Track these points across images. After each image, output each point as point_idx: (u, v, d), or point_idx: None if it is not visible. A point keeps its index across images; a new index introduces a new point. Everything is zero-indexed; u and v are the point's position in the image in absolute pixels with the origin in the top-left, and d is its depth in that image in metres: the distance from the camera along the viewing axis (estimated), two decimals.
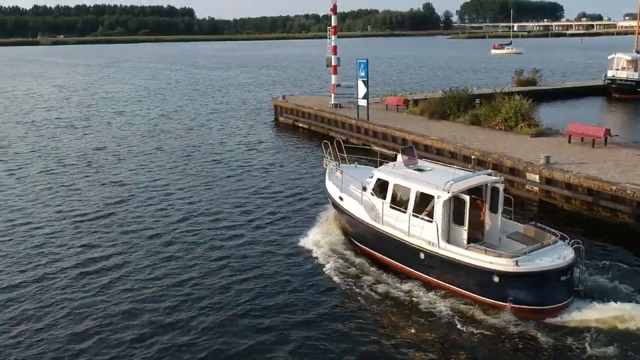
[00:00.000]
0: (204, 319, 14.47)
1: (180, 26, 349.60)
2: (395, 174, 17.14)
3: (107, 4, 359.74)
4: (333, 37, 40.86)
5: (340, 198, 18.90)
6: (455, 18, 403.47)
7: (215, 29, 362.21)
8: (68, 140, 38.09)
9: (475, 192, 16.06)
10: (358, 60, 35.25)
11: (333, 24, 40.81)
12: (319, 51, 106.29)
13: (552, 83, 57.59)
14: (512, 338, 13.46)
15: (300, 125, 41.02)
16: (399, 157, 18.15)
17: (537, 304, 14.31)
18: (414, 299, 15.21)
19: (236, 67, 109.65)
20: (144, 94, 65.17)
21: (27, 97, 63.50)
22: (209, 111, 50.33)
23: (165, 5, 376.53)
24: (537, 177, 23.03)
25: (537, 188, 23.16)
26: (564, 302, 14.43)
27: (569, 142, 27.18)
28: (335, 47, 40.80)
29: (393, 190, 16.84)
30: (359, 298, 15.40)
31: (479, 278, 14.71)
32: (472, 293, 14.98)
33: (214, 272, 17.10)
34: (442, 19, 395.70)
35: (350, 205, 18.30)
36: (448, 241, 15.41)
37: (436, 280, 15.73)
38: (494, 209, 16.16)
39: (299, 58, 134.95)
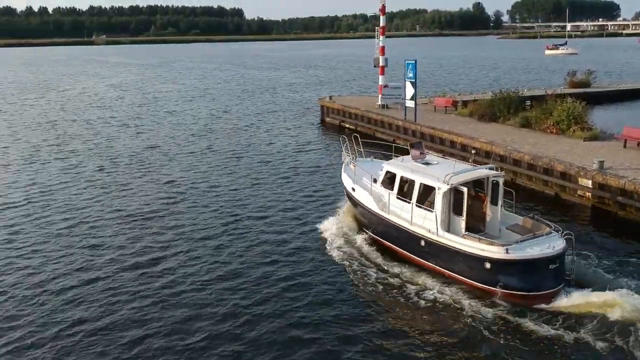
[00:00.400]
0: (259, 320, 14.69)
1: (230, 26, 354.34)
2: (402, 166, 18.29)
3: (159, 5, 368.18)
4: (381, 38, 40.76)
5: (353, 189, 20.14)
6: (505, 18, 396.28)
7: (264, 29, 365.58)
8: (121, 139, 39.08)
9: (478, 185, 17.23)
10: (406, 61, 35.05)
11: (381, 24, 40.70)
12: (366, 51, 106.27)
13: (606, 85, 55.84)
14: (502, 323, 14.12)
15: (347, 126, 41.01)
16: (411, 151, 19.12)
17: (526, 290, 15.10)
18: (411, 284, 16.17)
19: (284, 67, 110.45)
20: (194, 93, 66.29)
21: (82, 96, 65.52)
22: (257, 111, 50.87)
23: (215, 6, 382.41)
24: (589, 183, 22.39)
25: (589, 194, 22.52)
26: (553, 290, 15.06)
27: (625, 146, 26.31)
28: (383, 48, 40.68)
29: (400, 182, 17.94)
30: (364, 284, 16.35)
31: (472, 264, 15.66)
32: (466, 278, 15.91)
33: (263, 276, 17.18)
34: (492, 19, 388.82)
35: (362, 195, 19.52)
36: (448, 230, 16.37)
37: (435, 266, 16.75)
38: (494, 202, 17.04)
39: (346, 58, 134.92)
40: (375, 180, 19.20)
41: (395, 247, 18.13)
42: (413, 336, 13.80)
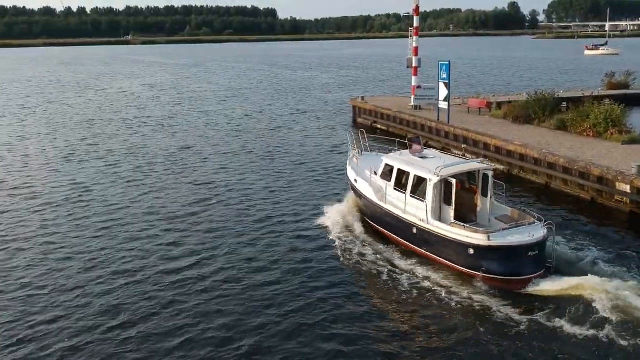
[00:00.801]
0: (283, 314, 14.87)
1: (263, 26, 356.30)
2: (400, 160, 19.60)
3: (194, 5, 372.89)
4: (415, 39, 40.56)
5: (355, 180, 21.63)
6: (541, 17, 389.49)
7: (297, 29, 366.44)
8: (157, 139, 39.56)
9: (470, 178, 18.43)
10: (440, 62, 34.79)
11: (415, 25, 40.47)
12: (399, 51, 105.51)
13: None
14: (482, 307, 15.12)
15: (379, 126, 40.92)
16: (409, 146, 20.69)
17: (506, 274, 16.17)
18: (401, 269, 17.43)
19: (317, 67, 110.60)
20: (228, 93, 66.79)
21: (119, 96, 66.57)
22: (290, 112, 51.06)
23: (249, 6, 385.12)
24: (628, 188, 21.90)
25: (627, 199, 22.04)
26: (532, 275, 16.09)
27: None
28: (416, 49, 40.48)
29: (397, 174, 19.24)
30: (358, 268, 17.83)
31: (457, 250, 16.84)
32: (452, 264, 17.10)
33: (294, 276, 17.36)
34: (527, 18, 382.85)
35: (363, 186, 20.92)
36: (439, 219, 17.55)
37: (425, 252, 18.00)
38: (484, 194, 18.15)
39: (379, 58, 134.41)
40: (375, 173, 20.42)
41: (391, 234, 19.47)
42: (396, 318, 14.89)
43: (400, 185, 18.98)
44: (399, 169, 19.17)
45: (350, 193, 22.63)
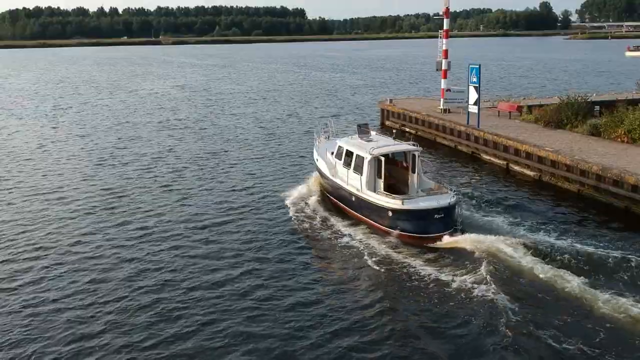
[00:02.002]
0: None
1: (291, 26, 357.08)
2: (348, 142, 23.63)
3: (224, 5, 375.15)
4: (444, 41, 40.11)
5: (317, 160, 25.90)
6: (574, 17, 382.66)
7: (325, 29, 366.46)
8: (187, 142, 39.40)
9: (403, 157, 22.63)
10: (470, 65, 34.37)
11: (445, 27, 39.98)
12: (428, 51, 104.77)
13: None
14: (396, 258, 18.86)
15: (407, 130, 40.54)
16: (357, 131, 24.88)
17: (416, 232, 19.88)
18: (340, 230, 21.38)
19: (345, 67, 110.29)
20: (257, 95, 66.50)
21: (151, 97, 66.82)
22: (319, 115, 50.70)
23: (278, 7, 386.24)
24: None
25: None
26: (438, 233, 19.62)
27: None
28: (446, 51, 40.01)
29: (345, 154, 23.08)
30: (310, 229, 21.82)
31: (380, 213, 20.65)
32: (377, 224, 20.88)
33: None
34: (560, 18, 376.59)
35: (321, 165, 25.07)
36: (373, 189, 21.28)
37: (360, 216, 21.83)
38: (413, 170, 21.87)
39: (408, 59, 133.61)
40: (332, 153, 24.38)
41: (339, 203, 23.54)
42: (326, 266, 18.84)
43: (346, 163, 22.84)
44: (346, 150, 23.11)
45: (315, 172, 26.66)
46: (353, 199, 21.97)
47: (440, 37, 40.94)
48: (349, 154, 22.77)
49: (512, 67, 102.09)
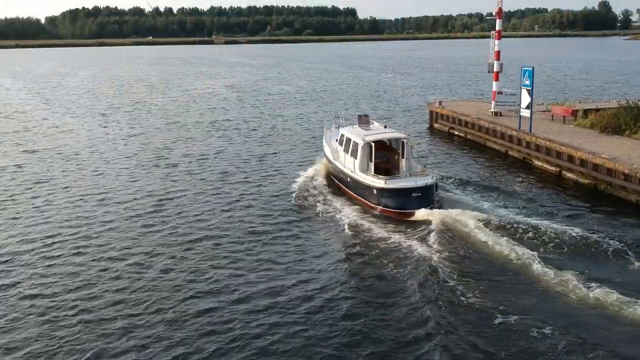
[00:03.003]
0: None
1: (342, 26, 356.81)
2: (349, 130, 26.59)
3: (275, 5, 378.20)
4: (496, 42, 39.05)
5: (324, 146, 29.34)
6: (635, 17, 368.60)
7: (376, 29, 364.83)
8: (235, 144, 39.17)
9: (394, 144, 25.60)
10: (523, 68, 33.25)
11: (497, 28, 38.94)
12: (480, 52, 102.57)
13: None
14: (380, 230, 21.62)
15: (456, 133, 39.69)
16: (358, 121, 27.87)
17: (396, 208, 22.68)
18: (335, 206, 24.40)
19: (395, 68, 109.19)
20: (307, 97, 65.93)
21: (203, 97, 67.27)
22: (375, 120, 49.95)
23: (329, 6, 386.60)
24: None
25: None
26: (416, 210, 22.19)
27: None
28: (498, 53, 38.95)
29: (345, 140, 26.09)
30: (309, 207, 24.83)
31: (368, 192, 23.64)
32: (366, 201, 23.89)
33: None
34: (619, 18, 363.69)
35: (327, 150, 28.41)
36: (366, 172, 24.00)
37: (354, 194, 24.81)
38: (402, 155, 24.53)
39: (459, 60, 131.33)
40: (336, 140, 27.49)
41: (339, 184, 26.63)
42: (321, 236, 21.78)
43: (345, 149, 25.82)
44: (346, 137, 25.99)
45: (323, 157, 29.63)
46: (349, 179, 25.13)
47: (493, 38, 39.94)
48: (348, 140, 25.78)
49: (568, 68, 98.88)
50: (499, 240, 19.37)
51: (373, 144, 24.27)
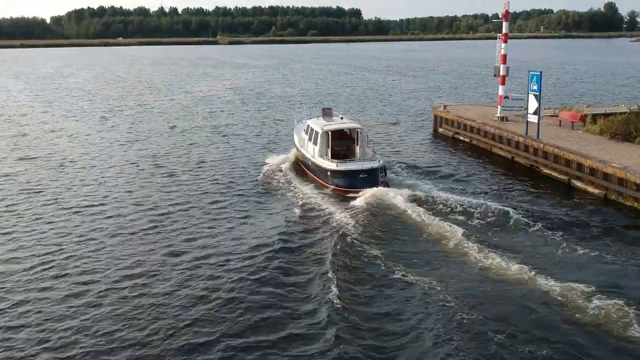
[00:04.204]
0: None
1: (347, 26, 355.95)
2: (313, 121, 29.74)
3: (280, 5, 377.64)
4: (503, 45, 38.14)
5: (294, 136, 32.75)
6: None
7: (381, 30, 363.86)
8: (239, 154, 37.82)
9: (351, 132, 29.11)
10: (530, 72, 32.37)
11: (504, 30, 38.02)
12: (487, 53, 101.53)
13: None
14: (330, 206, 24.45)
15: (461, 138, 38.77)
16: (322, 113, 31.21)
17: (345, 187, 25.81)
18: (298, 187, 27.75)
19: (400, 70, 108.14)
20: (311, 100, 63.78)
21: (204, 100, 66.28)
22: (373, 122, 49.25)
23: (334, 7, 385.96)
24: None
25: None
26: (362, 189, 25.10)
27: None
28: (504, 56, 38.02)
29: (309, 130, 29.41)
30: (274, 186, 28.42)
31: (324, 174, 26.96)
32: (322, 182, 27.17)
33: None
34: (625, 20, 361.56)
35: (296, 139, 32.00)
36: (324, 157, 27.30)
37: (315, 177, 28.10)
38: (356, 143, 28.26)
39: (465, 61, 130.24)
40: (304, 130, 30.78)
41: (304, 168, 29.99)
42: (283, 209, 24.83)
43: (309, 137, 29.10)
44: (310, 127, 29.37)
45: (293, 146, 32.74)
46: (310, 163, 28.52)
47: (499, 41, 39.01)
48: (311, 130, 29.11)
49: (575, 71, 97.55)
50: (427, 216, 22.29)
51: (330, 133, 27.83)
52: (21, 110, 58.03)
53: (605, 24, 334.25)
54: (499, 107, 38.49)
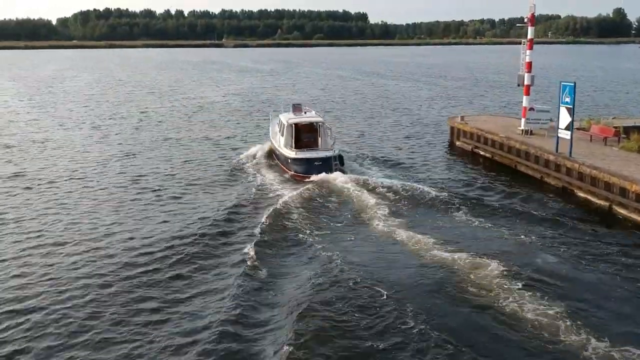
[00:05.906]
0: None
1: (353, 30, 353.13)
2: (284, 116, 32.26)
3: (286, 9, 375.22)
4: (528, 52, 35.20)
5: (270, 129, 35.38)
6: None
7: (387, 34, 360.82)
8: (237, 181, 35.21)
9: (315, 125, 31.49)
10: (562, 83, 29.35)
11: (529, 36, 35.08)
12: (495, 59, 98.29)
13: None
14: (289, 188, 27.10)
15: (481, 153, 35.66)
16: (292, 108, 33.71)
17: (302, 173, 28.86)
18: (268, 175, 30.32)
19: (410, 75, 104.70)
20: (320, 108, 58.49)
21: (206, 107, 63.40)
22: (388, 136, 46.22)
23: (340, 10, 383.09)
24: None
25: None
26: (317, 174, 28.14)
27: None
28: (529, 64, 35.12)
29: (280, 124, 32.27)
30: (245, 171, 31.40)
31: (285, 161, 30.18)
32: (285, 169, 30.36)
33: None
34: (634, 25, 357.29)
35: (270, 132, 34.93)
36: (288, 147, 30.04)
37: (280, 164, 31.34)
38: (319, 135, 31.02)
39: (478, 67, 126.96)
40: (277, 124, 33.33)
41: (275, 159, 32.53)
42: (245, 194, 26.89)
43: (279, 130, 32.02)
44: (280, 121, 32.11)
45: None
46: (277, 153, 31.44)
47: (523, 47, 36.00)
48: (280, 123, 32.00)
49: (596, 78, 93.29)
50: (366, 197, 25.01)
51: (294, 125, 30.69)
52: (14, 117, 55.16)
53: (613, 29, 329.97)
54: (522, 119, 35.47)
